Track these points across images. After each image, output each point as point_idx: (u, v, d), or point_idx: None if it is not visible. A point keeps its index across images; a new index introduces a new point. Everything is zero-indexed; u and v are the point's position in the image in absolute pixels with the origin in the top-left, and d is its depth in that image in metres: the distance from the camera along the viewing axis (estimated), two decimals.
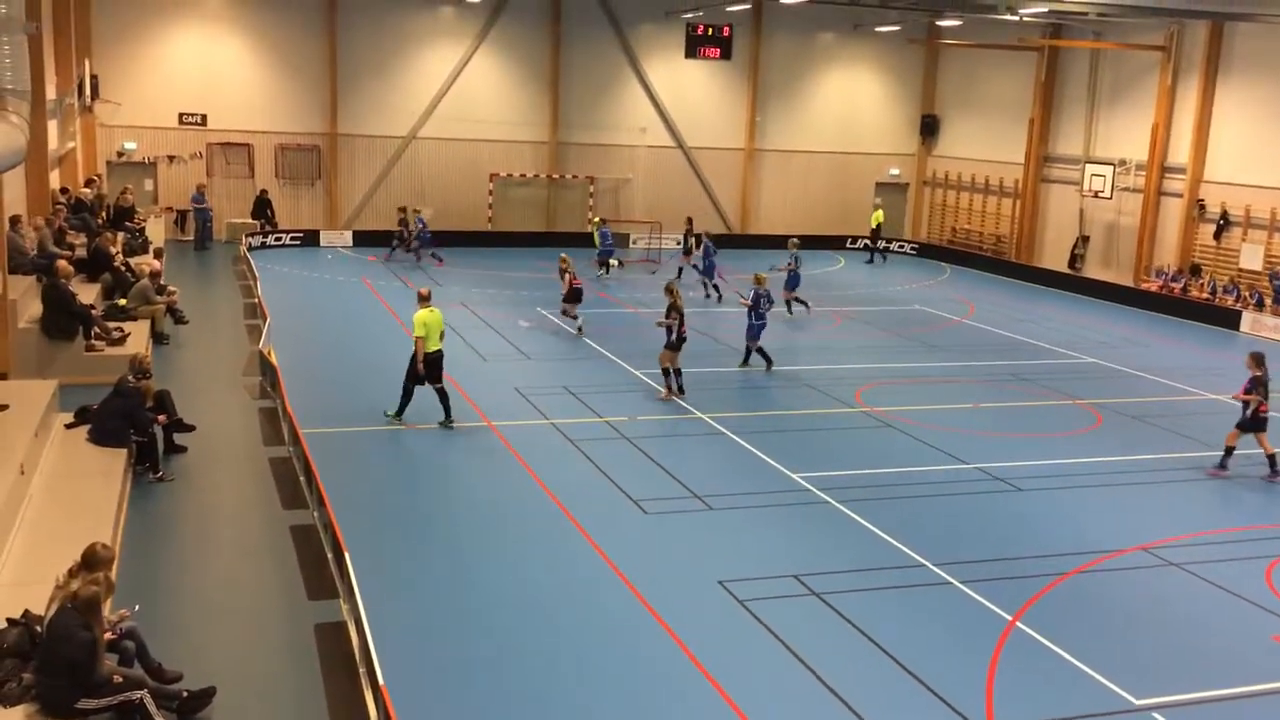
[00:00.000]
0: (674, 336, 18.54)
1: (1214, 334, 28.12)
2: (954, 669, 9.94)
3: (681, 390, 18.70)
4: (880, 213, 39.19)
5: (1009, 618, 10.99)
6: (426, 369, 16.39)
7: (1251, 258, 29.95)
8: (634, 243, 37.73)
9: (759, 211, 40.86)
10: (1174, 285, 31.50)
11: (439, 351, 16.51)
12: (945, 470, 15.66)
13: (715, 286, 28.63)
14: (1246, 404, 15.81)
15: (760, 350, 20.97)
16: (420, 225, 32.40)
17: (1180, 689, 9.76)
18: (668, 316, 18.56)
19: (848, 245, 41.05)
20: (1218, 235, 30.89)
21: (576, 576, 11.69)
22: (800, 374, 21.13)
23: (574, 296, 23.46)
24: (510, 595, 11.17)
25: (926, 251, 40.46)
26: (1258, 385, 15.73)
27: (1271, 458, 15.81)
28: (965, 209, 40.52)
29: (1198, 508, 14.73)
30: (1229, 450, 15.99)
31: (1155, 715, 9.32)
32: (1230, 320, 28.85)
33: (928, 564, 12.25)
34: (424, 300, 16.62)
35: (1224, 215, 30.57)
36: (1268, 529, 13.89)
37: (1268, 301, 28.72)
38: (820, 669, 9.83)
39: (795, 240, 28.80)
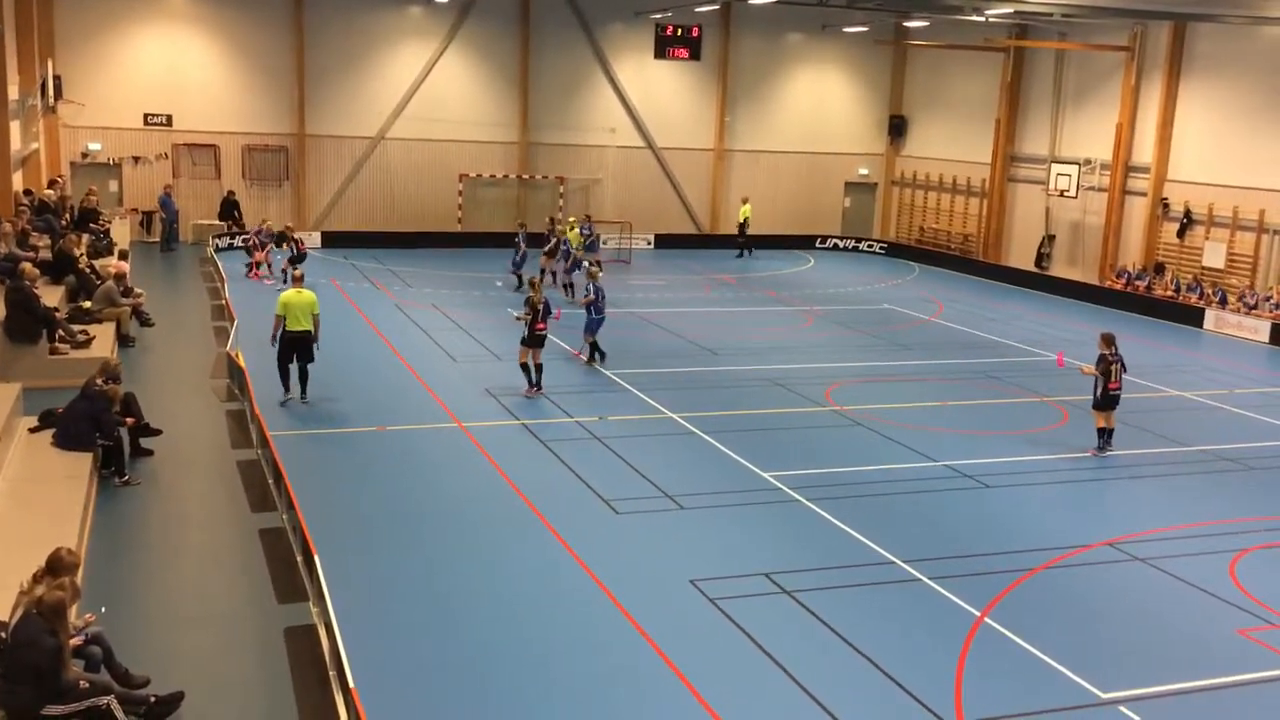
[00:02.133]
0: (527, 332, 18.58)
1: (1178, 331, 28.44)
2: (923, 665, 10.01)
3: (539, 385, 18.72)
4: (748, 207, 38.66)
5: (977, 613, 11.08)
6: (292, 347, 17.19)
7: (1214, 256, 30.32)
8: (605, 243, 37.71)
9: (729, 211, 40.94)
10: (1139, 283, 31.85)
11: (304, 331, 17.12)
12: (914, 468, 15.77)
13: (568, 286, 28.01)
14: (1096, 382, 16.59)
15: (595, 344, 20.94)
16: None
17: (1146, 682, 9.87)
18: (525, 312, 18.63)
19: (817, 245, 41.23)
20: (1181, 234, 31.25)
21: (548, 577, 11.68)
22: (770, 373, 21.20)
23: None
24: (482, 596, 11.16)
25: (895, 251, 40.70)
26: (1100, 363, 16.54)
27: (1103, 431, 16.74)
28: (933, 208, 40.78)
29: (1162, 503, 14.90)
30: (1100, 430, 16.79)
31: (1121, 709, 9.42)
32: (1194, 318, 29.20)
33: (897, 561, 12.33)
34: (297, 282, 17.91)
35: (1187, 214, 30.93)
36: (1231, 523, 14.06)
37: (1231, 299, 29.09)
38: (791, 666, 9.87)
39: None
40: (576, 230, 30.81)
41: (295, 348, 17.23)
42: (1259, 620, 11.23)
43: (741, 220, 38.42)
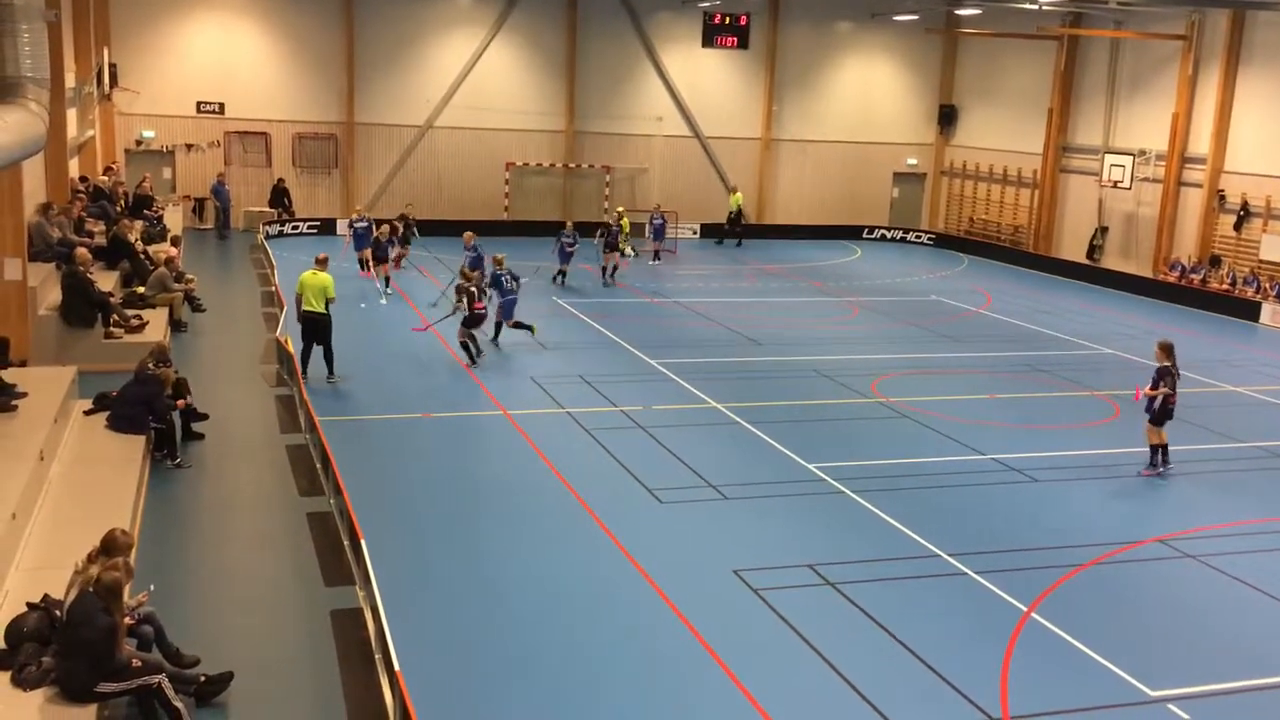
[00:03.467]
0: (468, 313, 19.26)
1: (1234, 325, 27.94)
2: (969, 660, 9.92)
3: (475, 359, 19.43)
4: (739, 195, 38.29)
5: (1024, 608, 10.97)
6: (308, 328, 17.46)
7: (1272, 249, 29.72)
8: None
9: (775, 201, 40.77)
10: (1193, 276, 31.30)
11: (319, 314, 17.35)
12: (961, 461, 15.63)
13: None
14: (1153, 398, 15.08)
15: (498, 327, 21.05)
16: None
17: (1196, 681, 9.72)
18: (457, 298, 19.44)
19: (864, 235, 40.92)
20: (1238, 226, 30.67)
21: (592, 565, 11.71)
22: (816, 364, 21.09)
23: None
24: (526, 583, 11.21)
25: (944, 242, 40.31)
26: (1164, 376, 15.07)
27: (1157, 449, 15.29)
28: (983, 199, 40.33)
29: (1215, 500, 14.65)
30: (1155, 448, 15.32)
31: (1170, 707, 9.29)
32: (1250, 312, 28.66)
33: (942, 554, 12.23)
34: (318, 264, 17.87)
35: (1244, 206, 30.35)
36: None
37: None
38: (834, 658, 9.83)
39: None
40: (626, 221, 31.27)
41: (310, 328, 17.55)
42: None
43: (733, 210, 37.84)
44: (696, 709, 9.09)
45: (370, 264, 26.70)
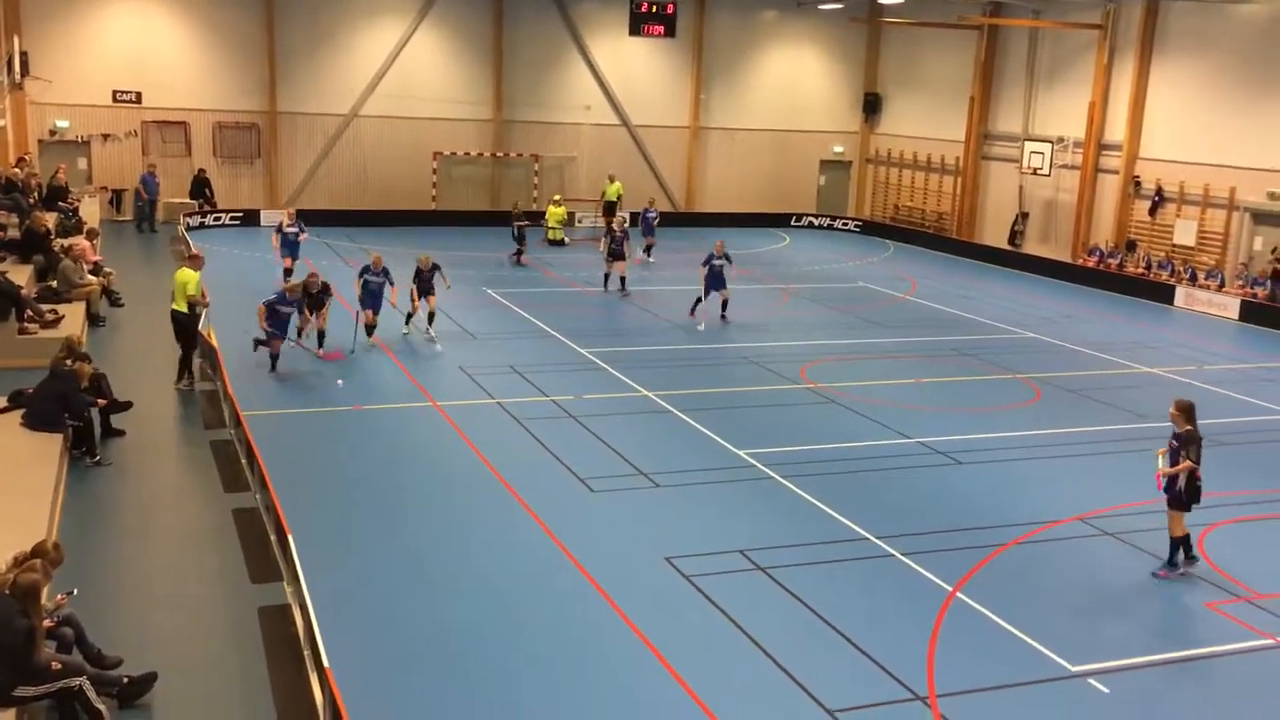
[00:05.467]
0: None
1: (1149, 308, 28.66)
2: (897, 640, 10.09)
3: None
4: (618, 185, 36.17)
5: (949, 588, 11.18)
6: (174, 327, 16.89)
7: (1185, 233, 30.54)
8: (579, 221, 37.62)
9: (704, 189, 40.91)
10: (1111, 261, 32.05)
11: (179, 312, 16.68)
12: (889, 445, 15.86)
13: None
14: (1174, 476, 11.50)
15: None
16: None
17: (1115, 655, 9.99)
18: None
19: (792, 223, 41.25)
20: (1153, 211, 31.45)
21: (524, 556, 11.70)
22: (746, 351, 21.24)
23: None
24: (457, 575, 11.16)
25: (870, 229, 40.78)
26: (1189, 445, 11.40)
27: (1179, 543, 11.71)
28: (908, 186, 40.86)
29: (1133, 479, 14.99)
30: (1177, 543, 11.69)
31: (1091, 681, 9.54)
32: (1165, 295, 29.43)
33: (871, 537, 12.41)
34: (189, 260, 17.24)
35: (1159, 191, 31.12)
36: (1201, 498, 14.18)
37: (1200, 276, 29.33)
38: (766, 642, 9.93)
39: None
40: (562, 209, 31.49)
41: (175, 328, 16.91)
42: (1227, 594, 11.38)
43: (610, 200, 35.93)
44: (630, 695, 9.13)
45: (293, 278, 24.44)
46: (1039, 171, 34.30)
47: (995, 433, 16.64)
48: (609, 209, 35.93)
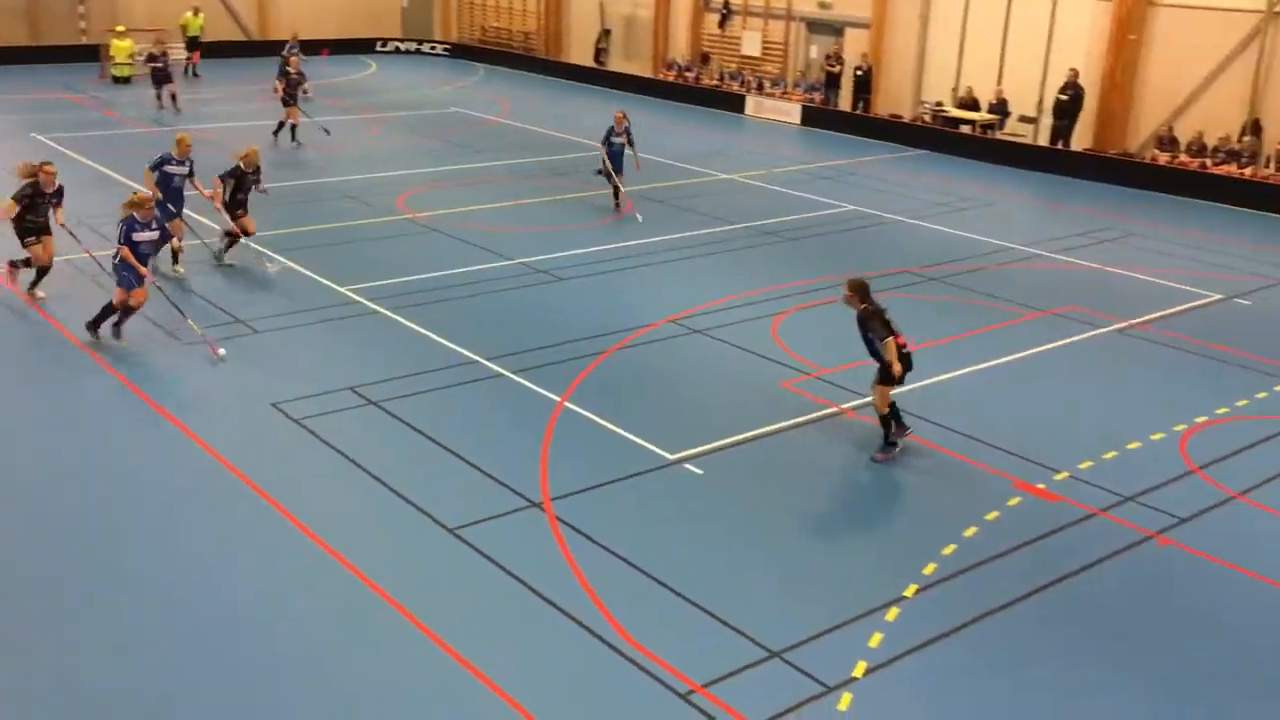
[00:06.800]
0: None
1: (725, 118, 30.47)
2: (511, 454, 10.46)
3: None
4: (201, 17, 34.41)
5: (558, 399, 11.70)
6: None
7: (752, 44, 32.46)
8: (137, 55, 34.07)
9: (279, 14, 38.19)
10: (688, 74, 33.55)
11: None
12: (490, 269, 16.08)
13: None
14: (878, 351, 10.46)
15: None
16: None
17: (707, 440, 10.93)
18: None
19: (377, 49, 39.67)
20: (722, 24, 33.08)
21: (115, 420, 10.94)
22: (340, 185, 20.53)
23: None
24: (44, 447, 10.29)
25: (460, 52, 40.07)
26: (871, 321, 10.44)
27: (887, 418, 10.74)
28: (494, 7, 40.30)
29: (714, 278, 16.22)
30: (888, 419, 10.73)
31: (687, 466, 10.42)
32: (737, 105, 31.35)
33: (480, 359, 12.66)
34: None
35: (726, 5, 32.69)
36: (773, 290, 15.63)
37: (766, 85, 31.45)
38: (383, 474, 9.99)
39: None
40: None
41: None
42: (797, 373, 12.71)
43: (192, 35, 33.86)
44: (244, 537, 8.92)
45: None
46: None
47: (591, 247, 17.30)
48: (192, 44, 32.97)
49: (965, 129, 26.67)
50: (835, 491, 10.28)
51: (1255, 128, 22.91)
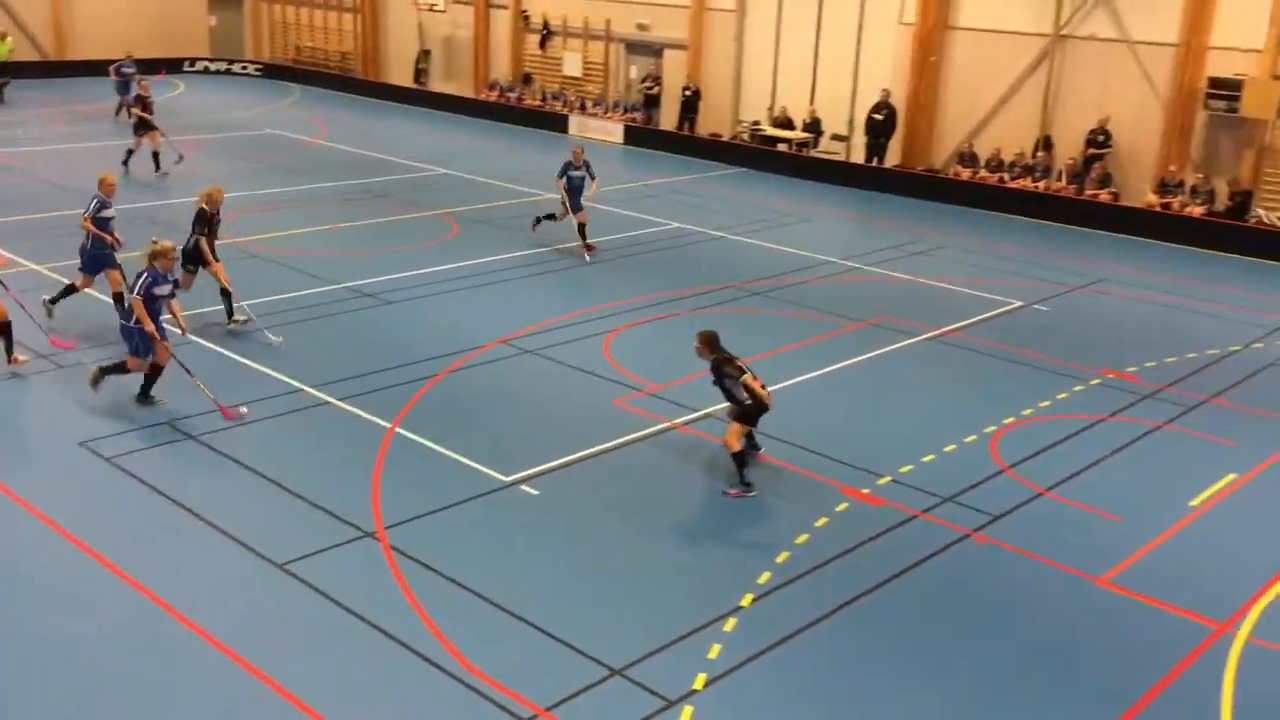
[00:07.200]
0: None
1: (548, 138, 30.54)
2: (340, 484, 10.21)
3: None
4: (9, 42, 32.65)
5: (388, 425, 11.48)
6: None
7: (572, 65, 32.68)
8: None
9: (75, 33, 36.34)
10: (510, 95, 33.53)
11: None
12: (316, 293, 15.68)
13: None
14: (734, 389, 10.58)
15: None
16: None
17: (542, 460, 10.90)
18: None
19: (185, 69, 38.23)
20: (543, 45, 33.20)
21: None
22: (149, 211, 19.64)
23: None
24: None
25: (273, 72, 38.97)
26: (723, 367, 10.56)
27: (741, 455, 10.61)
28: (307, 25, 39.39)
29: (544, 299, 16.23)
30: (741, 457, 10.58)
31: (523, 487, 10.38)
32: (560, 124, 31.48)
33: (305, 388, 12.32)
34: None
35: (546, 25, 32.84)
36: (602, 309, 15.74)
37: (588, 105, 31.71)
38: (203, 510, 9.60)
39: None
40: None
41: None
42: (629, 389, 12.83)
43: (1, 61, 31.93)
44: (55, 591, 8.43)
45: None
46: (435, 8, 34.65)
47: (418, 269, 17.07)
48: (1, 70, 31.09)
49: (782, 147, 27.49)
50: (671, 506, 10.41)
51: (1047, 144, 24.41)
